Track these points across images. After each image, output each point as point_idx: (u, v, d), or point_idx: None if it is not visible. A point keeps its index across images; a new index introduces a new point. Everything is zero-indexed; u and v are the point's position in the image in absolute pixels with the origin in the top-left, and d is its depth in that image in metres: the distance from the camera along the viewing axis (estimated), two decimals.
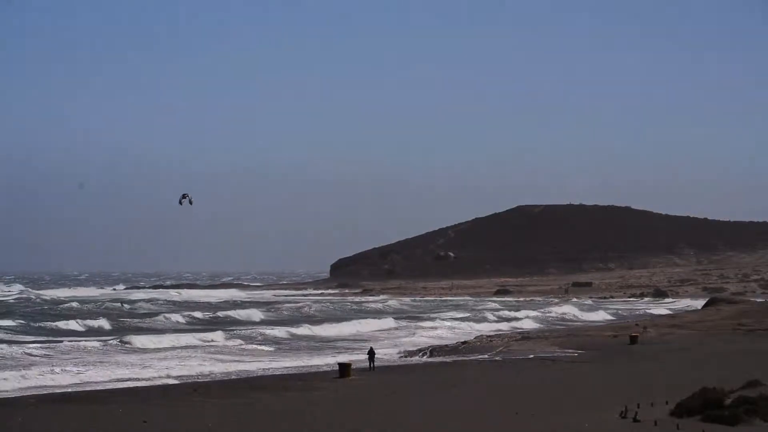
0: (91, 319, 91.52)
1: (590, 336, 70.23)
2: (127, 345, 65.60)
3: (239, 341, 70.58)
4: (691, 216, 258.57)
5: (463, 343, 66.52)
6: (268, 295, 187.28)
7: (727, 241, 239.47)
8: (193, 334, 74.78)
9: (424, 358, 59.44)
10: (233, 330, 78.98)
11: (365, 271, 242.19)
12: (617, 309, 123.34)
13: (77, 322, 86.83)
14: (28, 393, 42.36)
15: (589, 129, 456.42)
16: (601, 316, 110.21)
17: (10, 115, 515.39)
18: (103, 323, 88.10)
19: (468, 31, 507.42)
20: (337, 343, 72.20)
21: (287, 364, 56.35)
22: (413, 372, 50.07)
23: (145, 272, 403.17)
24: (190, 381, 47.68)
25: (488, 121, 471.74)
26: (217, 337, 72.16)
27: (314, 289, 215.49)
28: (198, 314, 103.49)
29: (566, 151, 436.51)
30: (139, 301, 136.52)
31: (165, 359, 57.33)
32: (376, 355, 51.76)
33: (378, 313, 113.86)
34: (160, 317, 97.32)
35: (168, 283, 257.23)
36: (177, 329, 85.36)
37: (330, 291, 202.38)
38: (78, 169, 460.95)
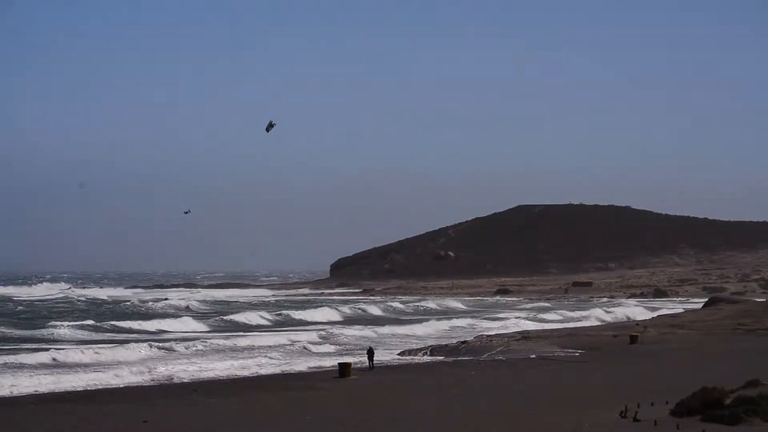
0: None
1: (590, 336, 70.23)
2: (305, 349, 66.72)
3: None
4: (691, 216, 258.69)
5: (463, 342, 66.50)
6: (283, 294, 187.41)
7: (727, 241, 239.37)
8: (288, 334, 75.77)
9: (425, 358, 59.46)
10: (323, 330, 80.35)
11: (365, 271, 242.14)
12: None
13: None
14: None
15: (590, 129, 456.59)
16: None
17: (10, 115, 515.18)
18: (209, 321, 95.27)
19: (468, 30, 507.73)
20: (442, 340, 72.59)
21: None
22: (413, 372, 50.09)
23: (128, 272, 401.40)
24: (192, 381, 47.73)
25: (488, 121, 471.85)
26: (312, 337, 73.42)
27: (315, 288, 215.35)
28: (266, 314, 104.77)
29: (566, 151, 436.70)
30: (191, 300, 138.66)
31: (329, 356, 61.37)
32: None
33: (444, 313, 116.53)
34: (241, 316, 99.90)
35: (169, 282, 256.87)
36: (268, 329, 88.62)
37: (340, 290, 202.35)
38: (78, 169, 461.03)
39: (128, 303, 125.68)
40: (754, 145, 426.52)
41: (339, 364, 48.41)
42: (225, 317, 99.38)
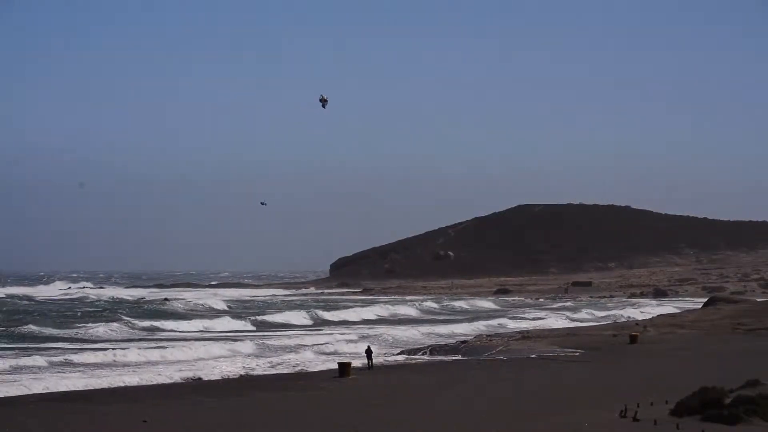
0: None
1: (590, 335, 70.23)
2: None
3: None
4: (691, 216, 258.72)
5: (463, 342, 66.50)
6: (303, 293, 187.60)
7: (727, 241, 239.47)
8: (334, 335, 77.13)
9: (424, 357, 59.45)
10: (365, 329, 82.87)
11: (365, 271, 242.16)
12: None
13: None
14: None
15: (590, 129, 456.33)
16: None
17: (9, 115, 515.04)
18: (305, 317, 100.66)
19: (468, 30, 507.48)
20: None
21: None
22: (413, 371, 50.08)
23: (128, 272, 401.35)
24: (194, 380, 47.75)
25: (488, 121, 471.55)
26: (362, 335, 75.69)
27: (315, 288, 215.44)
28: (304, 313, 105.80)
29: (566, 151, 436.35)
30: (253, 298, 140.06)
31: None
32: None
33: (477, 312, 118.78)
34: (277, 316, 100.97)
35: (169, 282, 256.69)
36: (310, 328, 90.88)
37: (341, 290, 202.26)
38: (77, 169, 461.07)
39: (156, 302, 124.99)
40: (754, 145, 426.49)
41: (339, 363, 48.41)
42: (260, 317, 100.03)
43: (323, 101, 52.06)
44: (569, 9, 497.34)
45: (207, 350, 62.14)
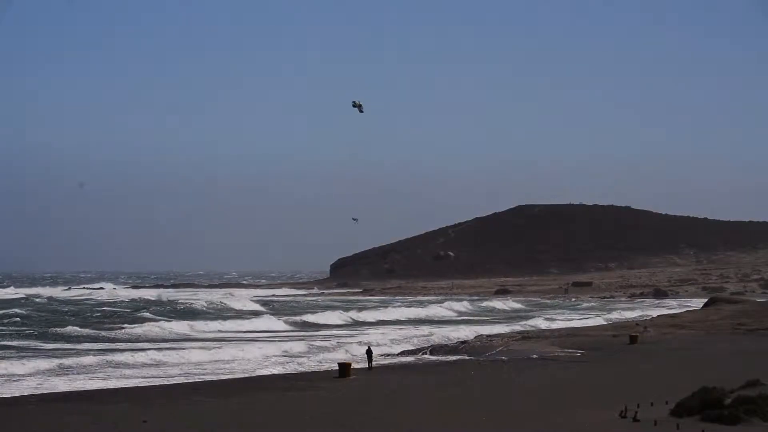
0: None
1: (590, 336, 70.19)
2: None
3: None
4: (691, 216, 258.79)
5: (463, 342, 66.46)
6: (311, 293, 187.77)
7: (727, 241, 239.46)
8: (375, 335, 78.62)
9: (425, 358, 59.43)
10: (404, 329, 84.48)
11: (365, 271, 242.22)
12: None
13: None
14: None
15: (590, 129, 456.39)
16: None
17: (9, 115, 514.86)
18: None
19: (468, 30, 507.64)
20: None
21: None
22: (413, 371, 50.06)
23: (129, 272, 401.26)
24: (196, 380, 47.76)
25: (488, 121, 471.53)
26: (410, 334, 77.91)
27: (318, 288, 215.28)
28: (341, 313, 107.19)
29: (566, 151, 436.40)
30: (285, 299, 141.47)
31: None
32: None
33: (513, 312, 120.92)
34: (313, 317, 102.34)
35: (169, 282, 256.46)
36: (348, 327, 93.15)
37: (341, 290, 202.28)
38: (78, 169, 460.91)
39: (180, 302, 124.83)
40: (754, 145, 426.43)
41: (339, 363, 48.39)
42: (299, 317, 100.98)
43: (358, 106, 52.05)
44: (568, 8, 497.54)
45: (263, 351, 62.94)
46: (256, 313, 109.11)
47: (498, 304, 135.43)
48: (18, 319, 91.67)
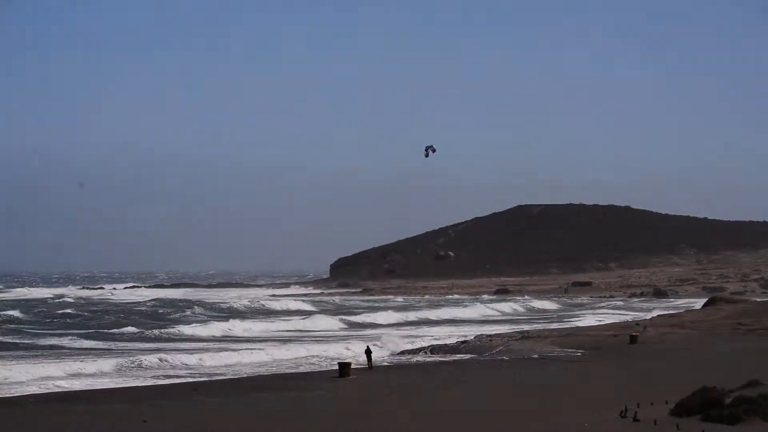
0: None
1: (590, 335, 70.17)
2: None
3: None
4: (691, 216, 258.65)
5: (463, 342, 66.48)
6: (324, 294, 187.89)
7: (727, 241, 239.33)
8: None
9: (425, 357, 59.44)
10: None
11: (365, 271, 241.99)
12: None
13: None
14: None
15: (589, 128, 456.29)
16: None
17: (9, 115, 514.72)
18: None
19: (468, 30, 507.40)
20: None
21: None
22: (413, 371, 50.07)
23: (129, 272, 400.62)
24: (196, 380, 47.76)
25: (488, 121, 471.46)
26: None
27: (315, 288, 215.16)
28: (394, 313, 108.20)
29: (566, 151, 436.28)
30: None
31: None
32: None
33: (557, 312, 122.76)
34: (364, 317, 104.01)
35: (170, 282, 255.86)
36: (403, 326, 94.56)
37: (341, 290, 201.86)
38: (77, 169, 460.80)
39: (213, 303, 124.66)
40: (753, 145, 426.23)
41: (339, 363, 48.40)
42: (349, 317, 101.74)
43: (430, 148, 52.75)
44: (569, 9, 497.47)
45: (333, 348, 64.19)
46: (303, 312, 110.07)
47: (546, 304, 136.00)
48: (69, 320, 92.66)
